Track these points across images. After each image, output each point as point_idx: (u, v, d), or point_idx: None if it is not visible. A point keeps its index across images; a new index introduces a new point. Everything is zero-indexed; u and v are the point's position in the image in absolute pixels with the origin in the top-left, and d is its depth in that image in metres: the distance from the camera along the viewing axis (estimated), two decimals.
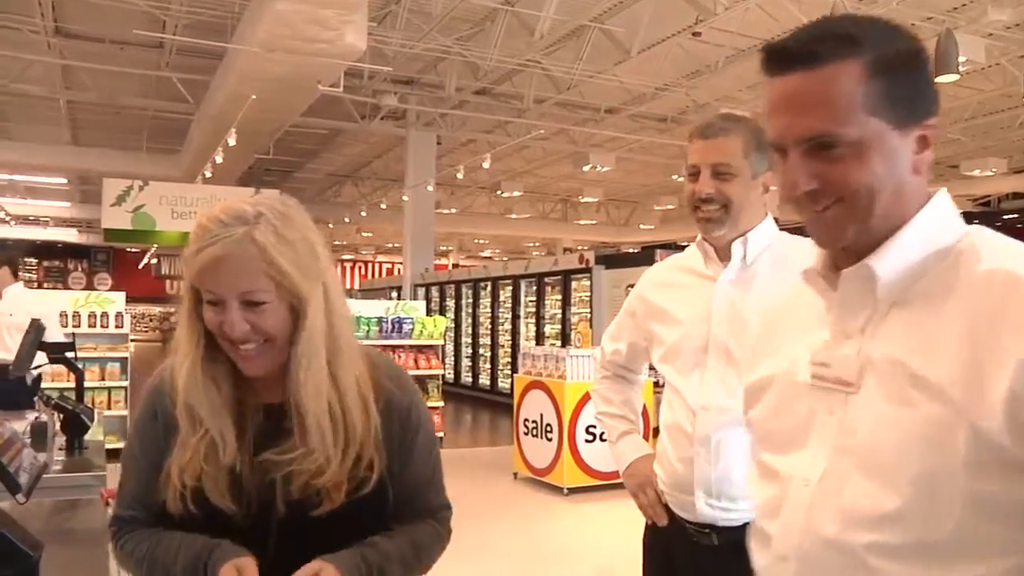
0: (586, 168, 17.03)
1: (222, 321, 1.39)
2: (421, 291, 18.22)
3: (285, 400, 1.45)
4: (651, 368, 2.53)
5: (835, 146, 1.08)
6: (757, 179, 2.08)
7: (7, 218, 25.21)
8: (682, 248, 2.44)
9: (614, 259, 13.53)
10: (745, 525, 1.28)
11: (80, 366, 4.54)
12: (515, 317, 15.58)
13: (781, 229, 2.14)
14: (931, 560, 1.03)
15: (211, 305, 1.40)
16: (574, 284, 13.86)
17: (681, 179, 14.65)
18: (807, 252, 1.23)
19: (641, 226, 27.72)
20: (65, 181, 22.74)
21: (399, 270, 27.18)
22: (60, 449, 3.57)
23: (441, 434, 10.79)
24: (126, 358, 9.65)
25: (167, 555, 1.45)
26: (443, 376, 11.58)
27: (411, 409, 1.58)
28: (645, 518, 2.32)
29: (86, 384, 4.55)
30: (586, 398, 8.00)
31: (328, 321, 1.45)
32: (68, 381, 8.22)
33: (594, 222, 27.67)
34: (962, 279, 1.06)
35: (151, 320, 42.84)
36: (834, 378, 1.14)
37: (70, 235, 32.12)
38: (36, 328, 4.23)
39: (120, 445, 9.26)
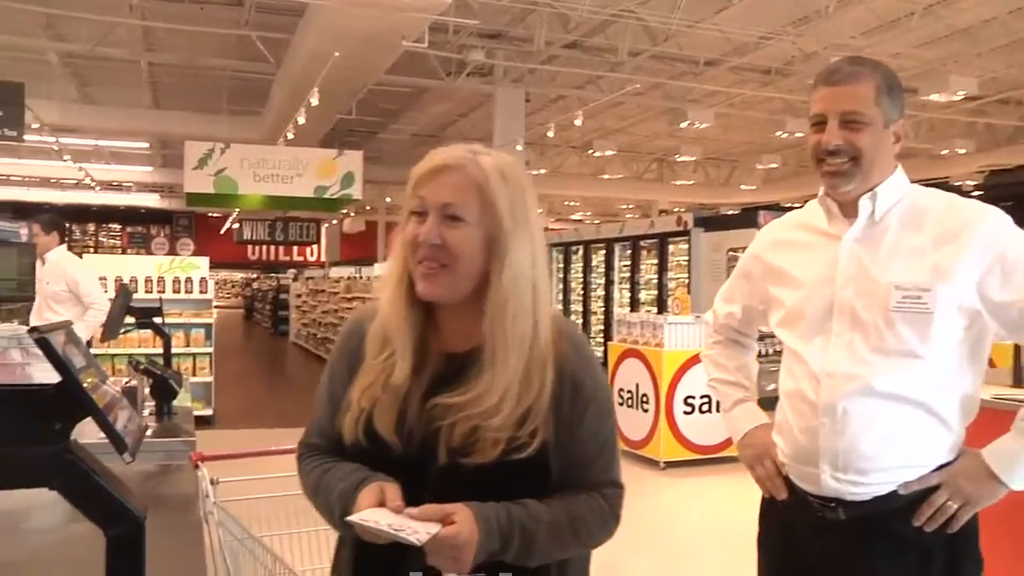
0: (683, 125, 16.75)
1: (419, 232, 1.50)
2: None
3: (472, 347, 1.52)
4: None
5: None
6: (889, 128, 1.98)
7: (93, 184, 26.23)
8: (785, 210, 2.43)
9: (714, 221, 13.33)
10: (875, 499, 1.24)
11: (167, 331, 4.68)
12: (608, 283, 15.52)
13: None
14: None
15: (415, 216, 1.52)
16: (671, 248, 13.72)
17: (786, 135, 14.43)
18: (944, 205, 1.27)
19: (742, 186, 27.20)
20: (147, 145, 23.54)
21: (532, 244, 27.17)
22: (149, 414, 3.71)
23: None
24: (210, 324, 9.96)
25: (331, 481, 1.55)
26: None
27: (586, 379, 1.57)
28: (762, 491, 2.27)
29: (172, 350, 4.70)
30: (685, 367, 7.95)
31: (533, 271, 1.52)
32: (155, 346, 8.58)
33: (691, 182, 27.26)
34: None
35: (233, 287, 44.25)
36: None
37: (152, 200, 33.27)
38: (124, 292, 4.40)
39: (207, 412, 9.62)
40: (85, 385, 1.04)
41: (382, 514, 1.37)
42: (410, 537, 1.31)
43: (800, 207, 2.24)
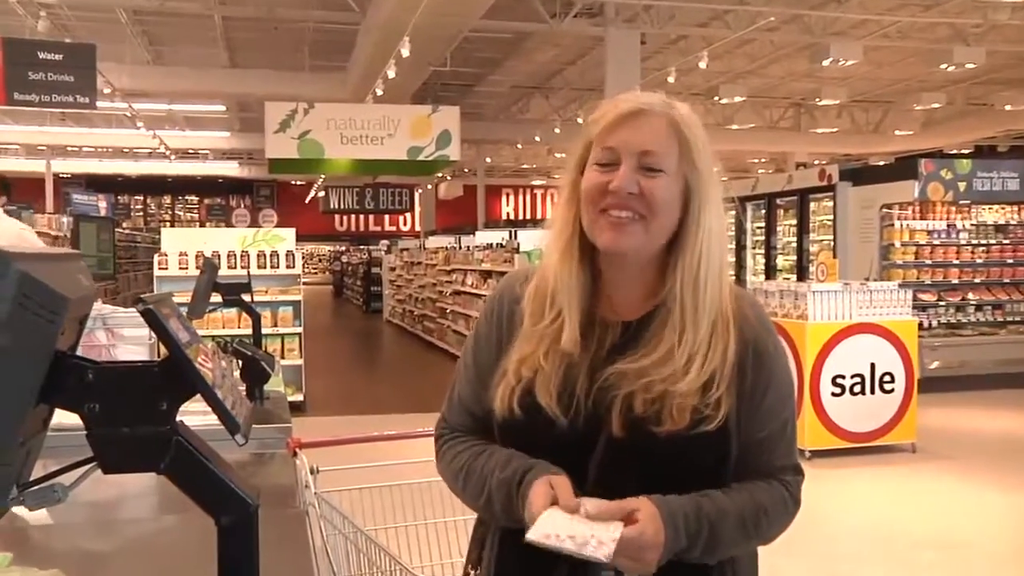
0: (825, 63, 16.28)
1: (609, 180, 1.51)
2: None
3: (645, 312, 1.57)
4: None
5: None
6: None
7: (167, 152, 27.17)
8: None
9: (864, 173, 12.97)
10: None
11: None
12: (740, 247, 15.29)
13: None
14: None
15: (601, 168, 1.53)
16: (813, 206, 13.44)
17: (952, 68, 13.86)
18: None
19: (896, 132, 26.34)
20: (224, 108, 24.21)
21: (718, 190, 27.09)
22: None
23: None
24: (299, 301, 10.22)
25: (485, 467, 1.58)
26: None
27: (768, 345, 1.61)
28: None
29: (262, 331, 4.84)
30: (832, 342, 7.80)
31: (720, 230, 1.58)
32: (241, 327, 8.86)
33: (835, 130, 26.54)
34: None
35: (320, 260, 45.30)
36: None
37: (231, 168, 34.23)
38: (210, 267, 4.54)
39: (297, 398, 9.89)
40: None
41: (559, 522, 1.38)
42: (596, 553, 1.33)
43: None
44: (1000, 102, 22.00)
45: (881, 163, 20.47)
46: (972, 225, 12.30)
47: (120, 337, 3.65)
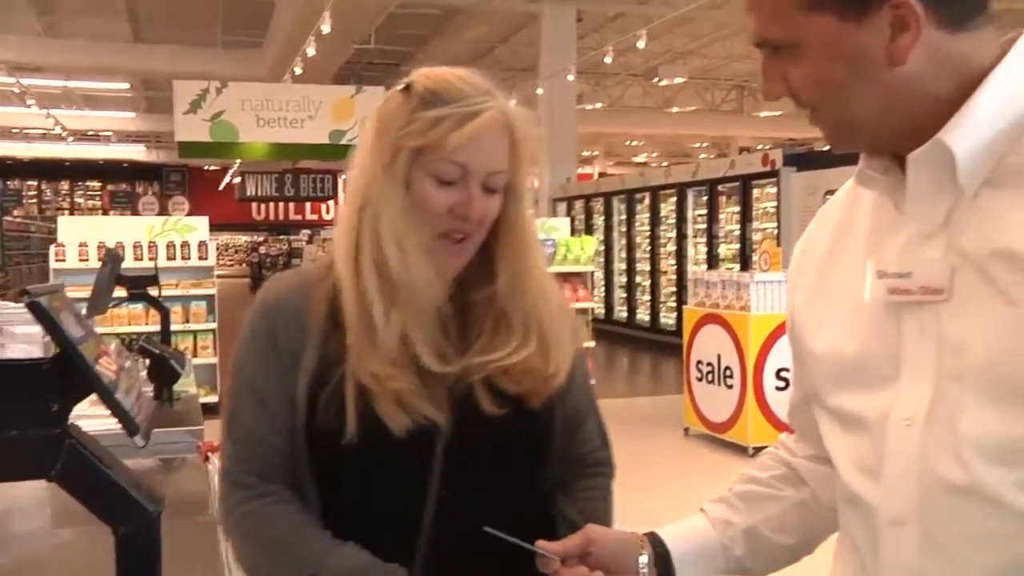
0: None
1: (458, 202, 1.50)
2: (562, 206, 18.25)
3: (476, 296, 1.60)
4: None
5: (781, 50, 1.17)
6: None
7: (64, 134, 26.58)
8: None
9: (808, 159, 13.14)
10: None
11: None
12: (680, 236, 15.44)
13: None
14: None
15: (444, 184, 1.51)
16: (756, 192, 13.60)
17: None
18: None
19: None
20: (127, 86, 23.75)
21: (534, 182, 27.17)
22: None
23: (592, 381, 10.89)
24: (213, 296, 10.08)
25: (307, 552, 1.50)
26: (592, 310, 11.63)
27: (574, 324, 1.73)
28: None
29: (171, 327, 4.78)
30: (776, 334, 7.89)
31: (531, 216, 1.65)
32: (148, 324, 8.72)
33: (779, 113, 26.82)
34: None
35: (236, 251, 44.77)
36: (919, 287, 1.14)
37: (137, 152, 33.66)
38: (113, 259, 4.46)
39: (211, 399, 9.75)
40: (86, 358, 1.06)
41: None
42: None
43: None
44: None
45: (826, 148, 20.78)
46: None
47: (10, 336, 3.55)
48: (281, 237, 35.62)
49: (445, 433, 1.51)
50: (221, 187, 36.10)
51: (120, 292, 4.58)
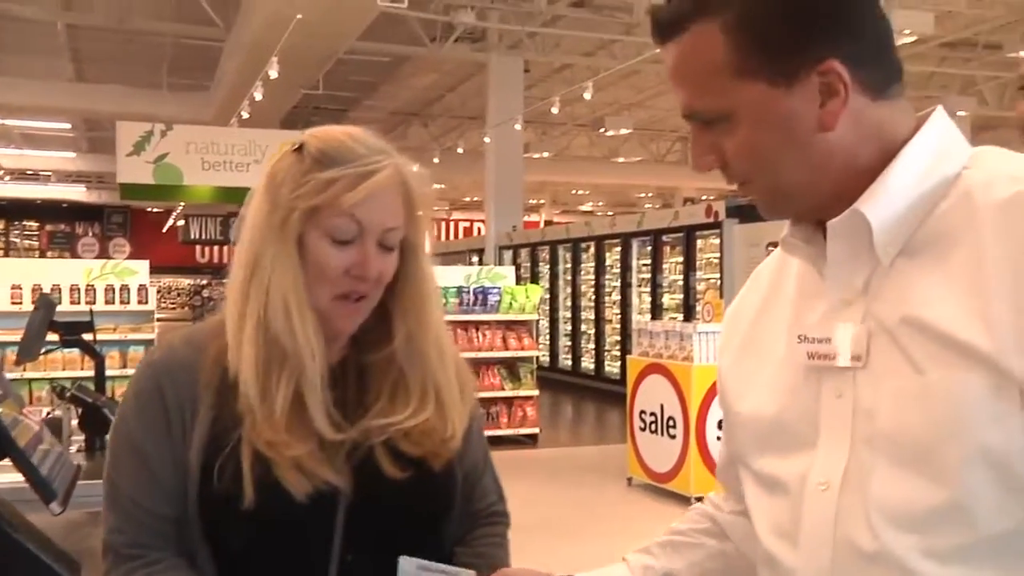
0: None
1: (355, 262, 1.49)
2: (508, 254, 18.27)
3: (368, 362, 1.60)
4: None
5: (711, 121, 1.17)
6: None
7: (1, 172, 26.19)
8: None
9: (750, 211, 13.24)
10: None
11: (99, 350, 4.66)
12: (625, 285, 15.49)
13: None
14: (1002, 555, 1.05)
15: (339, 244, 1.49)
16: (700, 243, 13.71)
17: None
18: None
19: None
20: (69, 126, 23.47)
21: (480, 229, 27.30)
22: (78, 451, 3.68)
23: (536, 430, 10.87)
24: (151, 340, 9.93)
25: None
26: (537, 359, 11.61)
27: (471, 382, 1.73)
28: None
29: (106, 372, 4.67)
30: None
31: (430, 272, 1.64)
32: (84, 369, 8.54)
33: None
34: (979, 210, 1.09)
35: (178, 295, 44.28)
36: (836, 353, 1.16)
37: (78, 192, 33.20)
38: (46, 304, 4.37)
39: None
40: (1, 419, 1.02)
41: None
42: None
43: None
44: None
45: None
46: None
47: None
48: (225, 281, 35.02)
49: (346, 497, 1.49)
50: (164, 229, 35.75)
51: (53, 337, 4.49)
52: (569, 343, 17.32)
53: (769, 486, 1.25)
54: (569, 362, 17.22)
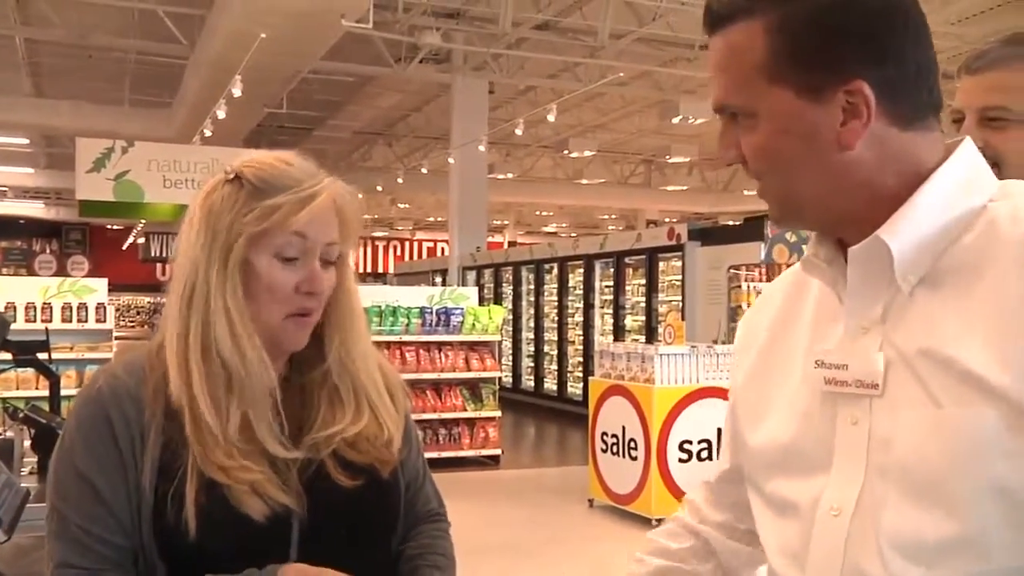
0: (676, 120, 16.88)
1: (303, 279, 1.55)
2: (471, 275, 18.25)
3: (305, 380, 1.64)
4: None
5: (739, 117, 1.18)
6: None
7: None
8: None
9: (712, 233, 13.39)
10: None
11: (55, 369, 4.59)
12: (588, 307, 15.52)
13: None
14: None
15: (287, 262, 1.55)
16: (662, 265, 13.76)
17: None
18: None
19: (745, 192, 27.40)
20: (27, 141, 23.20)
21: (443, 250, 27.28)
22: (31, 473, 3.62)
23: (498, 451, 10.84)
24: (109, 360, 9.82)
25: None
26: (500, 379, 11.60)
27: (402, 387, 1.80)
28: None
29: (62, 392, 4.60)
30: (680, 406, 7.94)
31: (356, 288, 1.71)
32: (39, 388, 8.43)
33: (685, 188, 27.48)
34: (1004, 243, 1.09)
35: (138, 313, 43.84)
36: (854, 380, 1.15)
37: (36, 209, 32.84)
38: None
39: None
40: None
41: None
42: None
43: None
44: None
45: (730, 223, 21.22)
46: None
47: None
48: None
49: (300, 515, 1.52)
50: (124, 247, 35.44)
51: (6, 356, 4.43)
52: (532, 364, 17.31)
53: (780, 508, 1.25)
54: (532, 383, 17.21)
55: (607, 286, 15.24)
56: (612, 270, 15.01)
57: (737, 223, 18.44)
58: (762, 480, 1.29)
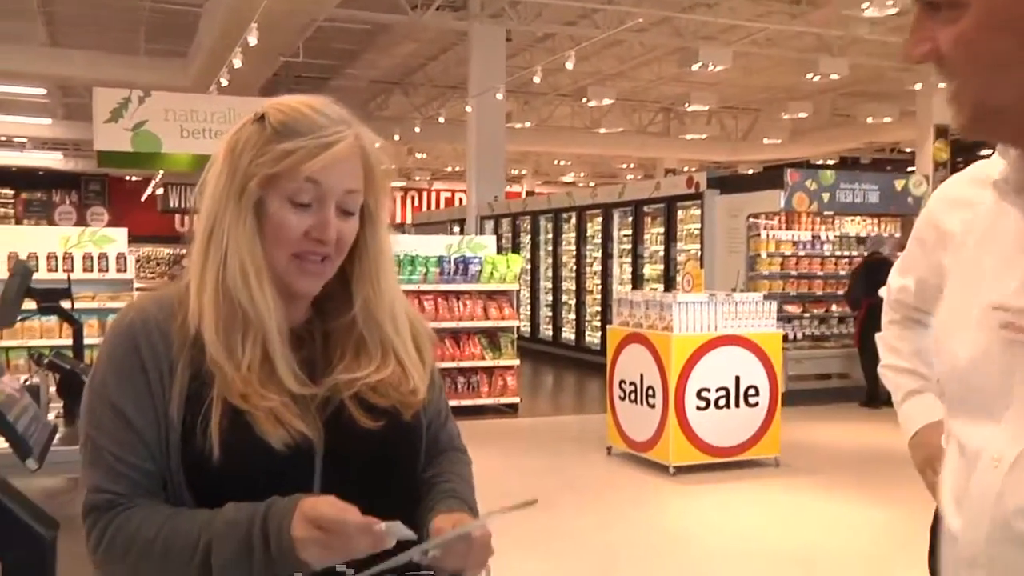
0: (695, 67, 16.71)
1: (313, 224, 1.55)
2: (489, 224, 18.25)
3: (338, 319, 1.66)
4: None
5: (940, 6, 1.00)
6: None
7: None
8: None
9: (731, 182, 13.33)
10: None
11: (77, 317, 4.64)
12: (606, 256, 15.52)
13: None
14: None
15: (299, 207, 1.55)
16: (680, 214, 13.73)
17: (818, 78, 14.41)
18: None
19: (765, 140, 27.22)
20: (44, 92, 23.15)
21: (461, 199, 27.21)
22: (57, 417, 3.67)
23: (516, 399, 10.90)
24: None
25: (191, 526, 1.46)
26: (518, 329, 11.65)
27: (430, 338, 1.82)
28: (935, 500, 2.27)
29: (85, 340, 4.65)
30: (698, 354, 7.95)
31: (388, 243, 1.70)
32: (63, 337, 8.50)
33: (704, 136, 27.26)
34: None
35: (158, 264, 44.07)
36: None
37: (54, 160, 32.86)
38: (22, 271, 4.34)
39: None
40: None
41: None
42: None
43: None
44: (863, 114, 23.03)
45: (749, 171, 21.10)
46: (836, 237, 12.81)
47: None
48: None
49: (321, 449, 1.54)
50: (143, 198, 35.49)
51: (30, 305, 4.47)
52: (550, 313, 17.35)
53: (955, 448, 1.19)
54: (550, 332, 17.26)
55: (625, 235, 15.22)
56: (631, 219, 14.98)
57: (757, 171, 18.36)
58: (949, 413, 1.22)
